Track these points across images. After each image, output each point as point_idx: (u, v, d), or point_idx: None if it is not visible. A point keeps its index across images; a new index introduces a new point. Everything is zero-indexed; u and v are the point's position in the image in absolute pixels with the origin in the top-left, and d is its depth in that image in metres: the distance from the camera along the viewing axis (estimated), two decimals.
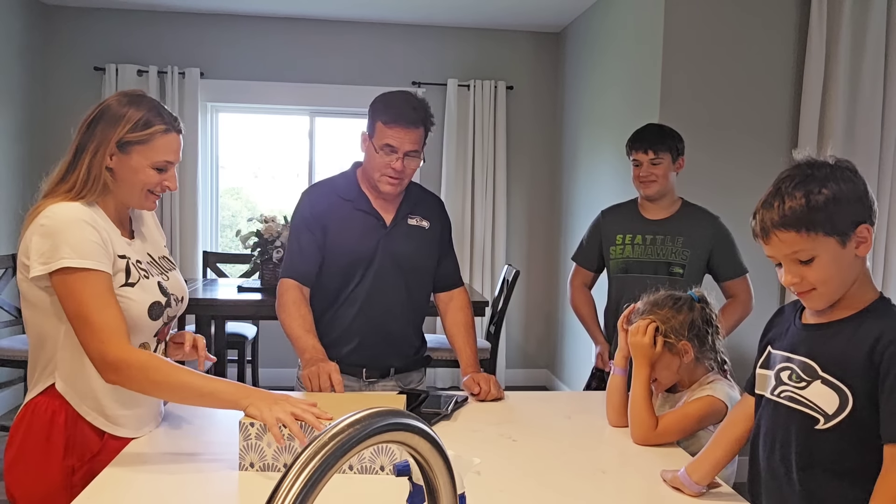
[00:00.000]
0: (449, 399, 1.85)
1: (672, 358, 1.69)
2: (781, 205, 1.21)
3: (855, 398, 1.20)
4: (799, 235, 1.20)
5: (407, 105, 1.92)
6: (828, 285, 1.22)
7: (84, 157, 1.45)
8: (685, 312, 1.70)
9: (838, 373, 1.22)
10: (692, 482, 1.35)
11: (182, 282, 1.66)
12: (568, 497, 1.35)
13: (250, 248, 3.71)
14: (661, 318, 1.69)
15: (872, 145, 3.39)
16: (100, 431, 1.48)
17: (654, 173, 2.46)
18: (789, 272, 1.24)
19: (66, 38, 4.82)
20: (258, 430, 1.39)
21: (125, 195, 1.50)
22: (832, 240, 1.20)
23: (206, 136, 4.99)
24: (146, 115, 1.46)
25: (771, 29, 3.42)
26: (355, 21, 5.01)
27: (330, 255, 1.99)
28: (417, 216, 2.06)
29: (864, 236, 1.21)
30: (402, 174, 1.94)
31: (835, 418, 1.21)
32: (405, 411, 0.63)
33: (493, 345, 3.94)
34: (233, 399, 1.40)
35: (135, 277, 1.48)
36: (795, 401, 1.27)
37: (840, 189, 1.20)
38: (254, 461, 1.40)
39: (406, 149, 1.91)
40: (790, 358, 1.30)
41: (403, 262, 2.01)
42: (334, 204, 2.02)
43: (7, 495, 1.44)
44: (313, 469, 0.55)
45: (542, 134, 5.28)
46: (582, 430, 1.74)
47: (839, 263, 1.21)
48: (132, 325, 1.46)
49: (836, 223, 1.19)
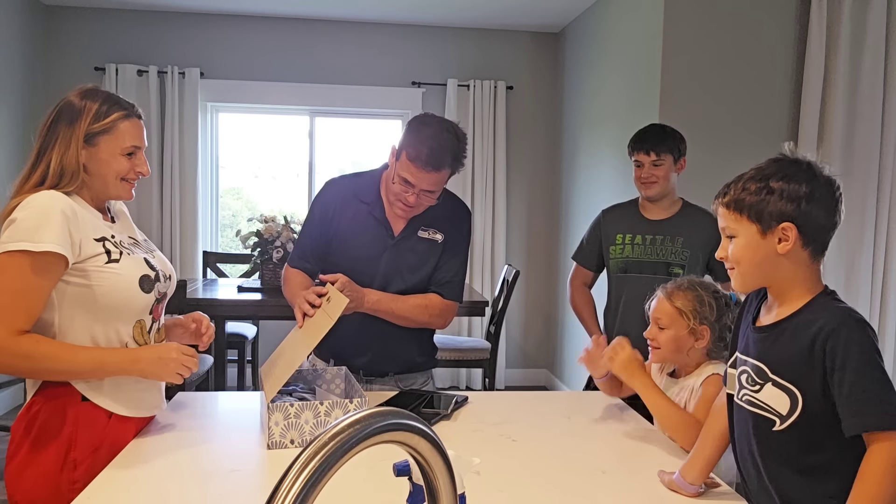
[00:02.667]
0: (449, 399, 1.85)
1: (687, 337, 1.70)
2: (735, 185, 1.29)
3: (804, 398, 1.22)
4: (727, 212, 1.29)
5: (437, 146, 1.79)
6: (741, 266, 1.28)
7: (49, 154, 1.46)
8: (720, 305, 1.72)
9: (785, 374, 1.25)
10: (687, 484, 1.36)
11: (167, 261, 1.68)
12: (568, 497, 1.35)
13: (250, 248, 3.71)
14: (697, 296, 1.71)
15: (872, 145, 3.39)
16: (105, 415, 1.49)
17: (656, 174, 2.46)
18: (721, 246, 1.32)
19: (66, 38, 4.82)
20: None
21: (100, 188, 1.52)
22: (754, 226, 1.25)
23: (206, 136, 4.99)
24: (104, 105, 1.49)
25: (771, 28, 3.43)
26: (355, 21, 5.01)
27: (335, 257, 1.98)
28: (432, 229, 1.98)
29: (787, 235, 1.23)
30: (415, 206, 1.88)
31: (788, 419, 1.24)
32: (405, 411, 0.63)
33: (493, 345, 3.94)
34: (122, 368, 1.47)
35: (116, 254, 1.49)
36: (753, 404, 1.30)
37: (786, 186, 1.23)
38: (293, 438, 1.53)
39: (423, 187, 1.83)
40: (745, 361, 1.33)
41: (407, 275, 1.96)
42: (350, 203, 1.98)
43: (7, 497, 1.44)
44: (313, 469, 0.55)
45: (541, 134, 5.28)
46: (582, 430, 1.74)
47: (754, 251, 1.26)
48: (125, 302, 1.48)
49: (763, 213, 1.24)
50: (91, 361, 1.44)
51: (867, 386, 1.15)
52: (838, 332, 1.18)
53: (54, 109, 1.49)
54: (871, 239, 3.45)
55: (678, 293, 1.74)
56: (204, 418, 1.74)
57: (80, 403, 1.46)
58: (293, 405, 1.52)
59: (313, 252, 2.01)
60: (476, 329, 5.17)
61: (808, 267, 1.26)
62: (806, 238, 1.24)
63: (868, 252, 3.45)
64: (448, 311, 2.01)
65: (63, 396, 1.45)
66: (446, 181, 1.88)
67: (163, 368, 1.48)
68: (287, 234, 3.58)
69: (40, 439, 1.43)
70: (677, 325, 1.71)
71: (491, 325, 4.07)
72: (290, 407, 1.52)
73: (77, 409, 1.45)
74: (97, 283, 1.44)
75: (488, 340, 4.02)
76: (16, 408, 4.47)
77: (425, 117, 1.87)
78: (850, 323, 1.19)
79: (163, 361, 1.48)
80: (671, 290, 1.75)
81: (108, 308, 1.46)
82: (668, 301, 1.74)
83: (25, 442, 1.44)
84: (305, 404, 1.53)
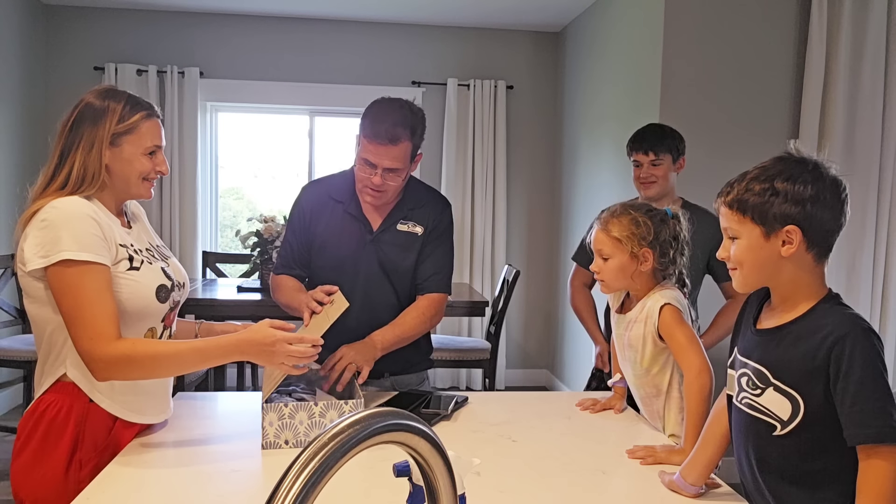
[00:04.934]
0: (449, 399, 1.85)
1: (630, 261, 1.69)
2: (738, 184, 1.26)
3: (806, 404, 1.20)
4: (731, 212, 1.26)
5: (390, 120, 1.80)
6: (743, 268, 1.26)
7: (73, 156, 1.45)
8: (656, 223, 1.70)
9: (788, 379, 1.22)
10: (688, 485, 1.35)
11: (181, 268, 1.69)
12: (568, 497, 1.34)
13: (250, 248, 3.71)
14: (632, 219, 1.70)
15: (873, 145, 3.39)
16: (111, 418, 1.48)
17: (655, 174, 2.45)
18: (723, 246, 1.30)
19: (65, 38, 4.82)
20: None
21: (123, 187, 1.52)
22: (757, 229, 1.23)
23: (205, 136, 4.99)
24: (127, 105, 1.50)
25: (771, 28, 3.42)
26: (355, 21, 5.01)
27: (317, 258, 1.98)
28: (411, 222, 1.98)
29: (791, 238, 1.20)
30: (382, 189, 1.87)
31: (789, 424, 1.22)
32: (405, 412, 0.63)
33: (493, 345, 3.93)
34: (226, 357, 1.48)
35: (138, 262, 1.50)
36: (753, 408, 1.28)
37: (790, 187, 1.20)
38: (288, 438, 1.53)
39: (385, 165, 1.82)
40: (746, 363, 1.31)
41: (390, 269, 1.96)
42: (326, 205, 1.99)
43: (13, 495, 1.44)
44: (313, 469, 0.55)
45: (541, 133, 5.28)
46: (582, 430, 1.74)
47: (756, 253, 1.23)
48: (141, 310, 1.48)
49: (767, 214, 1.21)
50: (194, 353, 1.46)
51: (869, 397, 1.14)
52: (844, 341, 1.16)
53: (74, 110, 1.49)
54: (871, 239, 3.45)
55: (613, 220, 1.72)
56: (204, 419, 1.74)
57: (88, 404, 1.46)
58: (287, 405, 1.52)
59: (297, 259, 2.01)
60: (476, 329, 5.17)
61: (812, 269, 1.24)
62: (810, 241, 1.21)
63: (868, 252, 3.45)
64: (442, 305, 2.02)
65: (70, 396, 1.45)
66: (409, 158, 1.87)
67: (269, 359, 1.49)
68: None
69: (47, 439, 1.43)
70: (619, 253, 1.70)
71: (491, 325, 4.07)
72: (285, 407, 1.52)
73: (84, 409, 1.45)
74: (117, 289, 1.44)
75: (488, 341, 4.01)
76: (16, 408, 4.46)
77: (380, 99, 1.90)
78: (857, 332, 1.17)
79: (267, 353, 1.48)
80: (606, 219, 1.73)
81: (124, 315, 1.46)
82: (604, 232, 1.73)
83: (32, 441, 1.43)
84: (300, 405, 1.53)
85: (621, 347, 1.78)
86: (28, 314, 1.48)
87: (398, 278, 1.98)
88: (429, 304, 1.98)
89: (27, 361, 3.40)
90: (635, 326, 1.71)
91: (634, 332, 1.71)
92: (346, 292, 1.90)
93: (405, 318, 1.94)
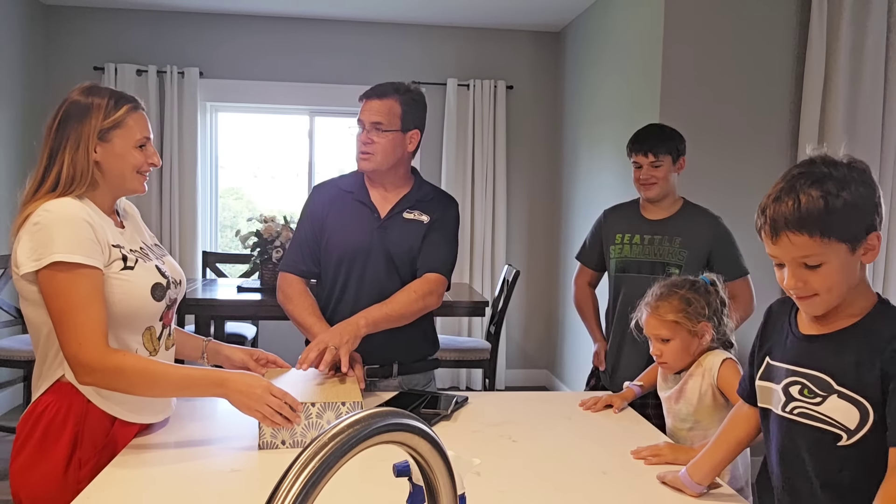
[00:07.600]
0: (449, 399, 1.84)
1: (691, 340, 1.69)
2: (797, 204, 1.13)
3: (875, 410, 1.14)
4: (812, 240, 1.12)
5: (383, 83, 1.95)
6: (832, 292, 1.16)
7: (62, 155, 1.45)
8: (703, 295, 1.71)
9: (854, 385, 1.16)
10: (693, 483, 1.35)
11: (177, 265, 1.68)
12: (568, 497, 1.34)
13: (250, 248, 3.71)
14: (681, 298, 1.69)
15: (873, 145, 3.39)
16: (110, 419, 1.48)
17: (655, 175, 2.45)
18: (793, 276, 1.17)
19: (65, 38, 4.82)
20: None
21: (118, 183, 1.52)
22: (844, 246, 1.13)
23: (205, 136, 4.99)
24: (111, 100, 1.49)
25: (771, 28, 3.42)
26: (355, 21, 5.01)
27: (326, 246, 2.01)
28: (417, 211, 2.02)
29: (874, 244, 1.16)
30: (371, 148, 1.93)
31: (858, 433, 1.16)
32: (405, 412, 0.63)
33: (493, 345, 3.93)
34: (208, 390, 1.49)
35: (132, 261, 1.49)
36: (811, 417, 1.21)
37: (858, 193, 1.13)
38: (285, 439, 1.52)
39: (372, 120, 1.91)
40: (797, 371, 1.24)
41: (397, 256, 1.99)
42: (335, 196, 2.05)
43: (12, 495, 1.44)
44: (313, 469, 0.55)
45: (541, 133, 5.28)
46: (582, 430, 1.74)
47: (845, 270, 1.15)
48: (137, 309, 1.48)
49: (851, 229, 1.13)
50: (181, 379, 1.47)
51: None
52: None
53: (59, 110, 1.48)
54: None
55: (663, 304, 1.71)
56: (204, 419, 1.74)
57: (86, 404, 1.45)
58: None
59: (308, 254, 2.04)
60: (476, 329, 5.17)
61: (862, 269, 1.20)
62: None
63: None
64: (437, 285, 1.98)
65: (69, 396, 1.44)
66: (398, 119, 1.93)
67: (247, 402, 1.46)
68: (286, 234, 3.58)
69: (46, 439, 1.43)
70: (678, 334, 1.69)
71: (491, 325, 4.07)
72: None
73: (83, 409, 1.45)
74: (110, 290, 1.44)
75: (488, 341, 4.01)
76: (16, 408, 4.46)
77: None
78: None
79: (246, 395, 1.46)
80: (655, 305, 1.72)
81: (119, 315, 1.46)
82: (657, 318, 1.71)
83: (31, 441, 1.43)
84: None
85: (667, 399, 1.77)
86: (25, 317, 1.48)
87: (404, 266, 2.00)
88: (421, 282, 1.96)
89: (27, 361, 3.40)
90: (691, 380, 1.71)
91: (691, 385, 1.71)
92: (353, 282, 1.93)
93: (395, 296, 1.93)
